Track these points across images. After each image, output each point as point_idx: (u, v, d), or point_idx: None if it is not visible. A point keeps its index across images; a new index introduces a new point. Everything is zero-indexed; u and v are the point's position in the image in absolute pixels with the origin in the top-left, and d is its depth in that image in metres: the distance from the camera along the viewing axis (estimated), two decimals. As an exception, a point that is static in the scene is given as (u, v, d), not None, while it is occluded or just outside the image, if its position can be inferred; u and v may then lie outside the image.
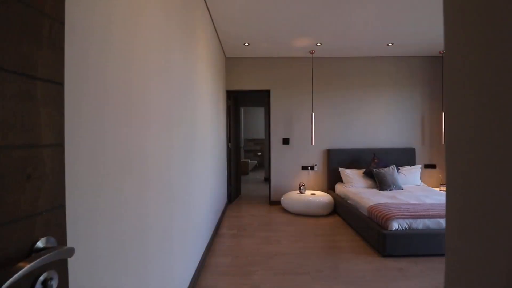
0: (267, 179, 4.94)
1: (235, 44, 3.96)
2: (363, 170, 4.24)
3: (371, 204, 3.09)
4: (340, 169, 4.34)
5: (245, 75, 4.55)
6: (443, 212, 2.83)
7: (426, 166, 4.69)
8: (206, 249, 2.55)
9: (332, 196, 4.16)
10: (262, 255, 2.61)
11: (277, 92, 4.55)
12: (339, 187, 4.24)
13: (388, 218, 2.66)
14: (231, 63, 4.55)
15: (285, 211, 4.16)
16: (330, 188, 4.52)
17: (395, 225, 2.65)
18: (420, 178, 4.37)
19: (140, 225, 1.12)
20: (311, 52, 4.28)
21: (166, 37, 1.51)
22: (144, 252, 1.15)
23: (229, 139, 4.59)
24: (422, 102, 4.67)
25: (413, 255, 2.60)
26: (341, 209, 3.82)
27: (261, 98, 6.86)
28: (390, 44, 4.00)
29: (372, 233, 2.79)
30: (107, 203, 0.88)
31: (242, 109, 9.04)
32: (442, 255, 2.70)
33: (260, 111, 9.46)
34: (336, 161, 4.50)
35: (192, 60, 2.15)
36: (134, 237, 1.06)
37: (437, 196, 3.46)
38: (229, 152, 4.58)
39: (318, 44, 3.95)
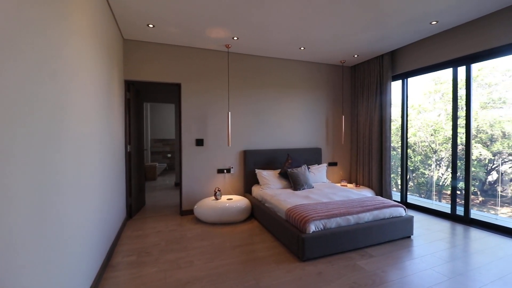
0: (178, 184, 4.33)
1: (136, 24, 3.22)
2: (278, 171, 4.23)
3: (288, 206, 3.01)
4: (257, 171, 4.20)
5: (150, 64, 3.82)
6: (351, 209, 3.00)
7: (330, 164, 5.13)
8: (87, 293, 1.84)
9: (249, 200, 3.97)
10: (170, 286, 2.09)
11: (189, 86, 4.02)
12: (255, 189, 4.08)
13: (307, 221, 2.60)
14: (131, 47, 3.72)
15: (199, 221, 3.69)
16: (246, 191, 4.33)
17: (312, 227, 2.62)
18: (326, 176, 4.71)
19: None
20: (227, 46, 3.97)
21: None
22: None
23: (128, 140, 3.75)
24: (327, 105, 5.08)
25: (328, 254, 2.64)
26: (258, 213, 3.65)
27: (171, 93, 6.11)
28: (302, 48, 4.12)
29: (291, 238, 2.69)
30: None
31: (148, 105, 7.96)
32: (351, 250, 2.88)
33: (171, 108, 8.57)
34: (253, 163, 4.35)
35: (61, 30, 1.44)
36: None
37: (342, 192, 3.73)
38: (128, 156, 3.75)
39: (235, 38, 3.66)
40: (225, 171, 4.24)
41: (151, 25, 3.27)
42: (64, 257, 1.48)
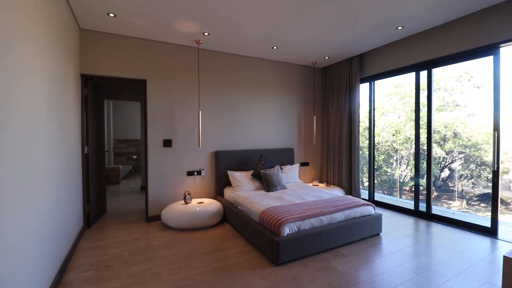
0: (144, 188, 4.02)
1: (94, 12, 2.91)
2: (251, 172, 4.13)
3: (262, 209, 2.92)
4: (229, 172, 4.06)
5: (112, 58, 3.49)
6: (324, 210, 3.00)
7: (302, 164, 5.16)
8: (30, 321, 1.56)
9: (221, 203, 3.81)
10: (132, 302, 1.87)
11: (156, 83, 3.75)
12: (228, 192, 3.94)
13: (281, 224, 2.53)
14: (88, 38, 3.37)
15: (167, 227, 3.45)
16: (218, 193, 4.17)
17: (287, 230, 2.55)
18: (298, 176, 4.72)
19: None
20: (198, 42, 3.77)
21: None
22: None
23: (86, 141, 3.39)
24: (299, 106, 5.10)
25: (302, 257, 2.60)
26: (231, 216, 3.52)
27: (137, 90, 5.71)
28: (275, 48, 4.07)
29: (265, 241, 2.60)
30: None
31: (111, 103, 7.41)
32: (324, 251, 2.88)
33: (136, 106, 8.06)
34: (225, 164, 4.20)
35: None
36: None
37: (314, 192, 3.74)
38: (85, 159, 3.38)
39: (206, 34, 3.49)
40: (195, 173, 4.04)
41: (111, 15, 2.97)
42: (5, 273, 1.22)
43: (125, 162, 8.12)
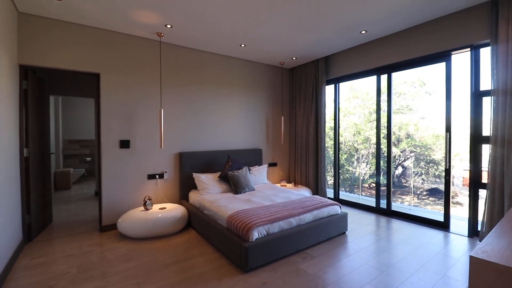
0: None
1: (32, -8, 2.51)
2: (218, 174, 3.97)
3: (230, 213, 2.79)
4: (195, 175, 3.84)
5: (58, 47, 3.07)
6: (293, 211, 2.95)
7: (270, 165, 5.12)
8: None
9: (186, 207, 3.59)
10: (79, 330, 1.61)
11: (111, 78, 3.39)
12: (193, 195, 3.72)
13: (249, 228, 2.42)
14: (29, 24, 2.92)
15: (124, 237, 3.14)
16: (183, 197, 3.92)
17: (255, 235, 2.45)
18: (266, 176, 4.67)
19: None
20: (159, 35, 3.50)
21: None
22: None
23: (25, 142, 2.94)
24: (267, 106, 5.05)
25: (271, 261, 2.52)
26: (196, 221, 3.32)
27: (91, 86, 5.18)
28: (243, 45, 3.95)
29: (233, 247, 2.47)
30: None
31: (60, 99, 6.67)
32: (293, 253, 2.83)
33: (90, 103, 7.36)
34: (190, 166, 3.97)
35: None
36: None
37: (283, 193, 3.71)
38: (25, 162, 2.93)
39: (168, 26, 3.25)
40: (157, 176, 3.75)
41: (56, -3, 2.60)
42: None
43: (78, 165, 7.36)
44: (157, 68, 3.72)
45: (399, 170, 7.18)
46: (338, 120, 4.75)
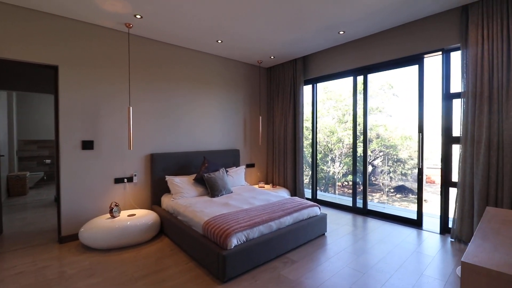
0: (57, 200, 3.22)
1: (-29, -33, 2.14)
2: (193, 176, 3.75)
3: (206, 219, 2.61)
4: (167, 178, 3.59)
5: (6, 35, 2.68)
6: (273, 215, 2.82)
7: (248, 166, 4.99)
8: None
9: (158, 213, 3.34)
10: None
11: (72, 71, 3.04)
12: (166, 200, 3.48)
13: (228, 235, 2.27)
14: (-33, 5, 2.50)
15: (87, 249, 2.82)
16: (155, 202, 3.65)
17: (234, 241, 2.31)
18: (244, 178, 4.53)
19: None
20: (128, 26, 3.21)
21: None
22: None
23: (-36, 143, 2.52)
24: (245, 105, 4.91)
25: (251, 268, 2.39)
26: (169, 228, 3.09)
27: (51, 80, 4.68)
28: (219, 41, 3.78)
29: (210, 256, 2.31)
30: None
31: (13, 94, 6.01)
32: (274, 258, 2.72)
33: (49, 99, 6.71)
34: (162, 168, 3.71)
35: None
36: None
37: (262, 195, 3.60)
38: (-36, 167, 2.51)
39: (138, 16, 2.98)
40: (125, 180, 3.45)
41: (2, -24, 2.25)
42: None
43: (36, 168, 6.67)
44: (126, 62, 3.42)
45: (369, 168, 7.44)
46: (316, 120, 4.75)
